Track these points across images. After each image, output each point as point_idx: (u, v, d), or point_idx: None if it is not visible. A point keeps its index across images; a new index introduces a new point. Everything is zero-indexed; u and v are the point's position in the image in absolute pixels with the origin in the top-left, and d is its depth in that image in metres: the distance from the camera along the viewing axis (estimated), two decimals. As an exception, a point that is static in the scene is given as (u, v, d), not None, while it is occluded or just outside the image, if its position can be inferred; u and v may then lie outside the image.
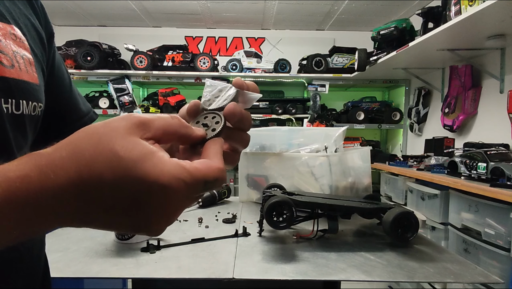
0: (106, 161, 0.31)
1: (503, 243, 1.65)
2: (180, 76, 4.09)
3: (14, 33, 0.48)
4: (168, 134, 0.35)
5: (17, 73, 0.46)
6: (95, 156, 0.31)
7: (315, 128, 3.60)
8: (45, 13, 0.60)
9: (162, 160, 0.32)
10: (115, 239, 1.08)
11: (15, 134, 0.47)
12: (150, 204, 0.32)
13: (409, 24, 3.06)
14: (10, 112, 0.46)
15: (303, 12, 4.03)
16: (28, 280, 0.54)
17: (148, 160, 0.31)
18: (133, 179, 0.31)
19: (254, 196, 1.68)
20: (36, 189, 0.30)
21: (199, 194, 0.35)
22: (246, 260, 0.93)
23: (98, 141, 0.32)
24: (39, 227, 0.32)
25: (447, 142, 2.77)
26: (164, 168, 0.32)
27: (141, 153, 0.31)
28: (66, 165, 0.31)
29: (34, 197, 0.30)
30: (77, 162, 0.31)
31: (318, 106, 4.10)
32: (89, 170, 0.31)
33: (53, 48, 0.62)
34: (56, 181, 0.30)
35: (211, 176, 0.34)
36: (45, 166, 0.31)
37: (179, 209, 0.35)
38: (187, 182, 0.32)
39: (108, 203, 0.32)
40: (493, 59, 2.57)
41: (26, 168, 0.30)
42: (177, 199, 0.33)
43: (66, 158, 0.31)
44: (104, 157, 0.31)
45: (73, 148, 0.32)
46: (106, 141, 0.32)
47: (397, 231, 1.03)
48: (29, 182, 0.30)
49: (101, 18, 4.34)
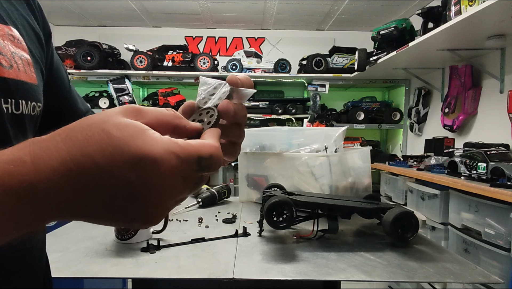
0: (98, 140, 0.30)
1: (503, 243, 1.65)
2: (180, 76, 4.09)
3: (12, 34, 0.48)
4: (161, 124, 0.35)
5: (15, 74, 0.47)
6: (88, 137, 0.31)
7: (315, 128, 3.60)
8: (42, 13, 0.60)
9: (153, 136, 0.32)
10: (115, 239, 1.08)
11: (15, 134, 0.47)
12: (143, 182, 0.31)
13: (409, 24, 3.06)
14: (10, 112, 0.46)
15: (303, 12, 4.03)
16: (30, 280, 0.54)
17: (139, 137, 0.31)
18: (124, 155, 0.30)
19: (254, 196, 1.68)
20: (29, 172, 0.29)
21: (195, 174, 0.34)
22: (246, 260, 0.93)
23: (91, 124, 0.32)
24: (34, 217, 0.31)
25: (447, 142, 2.78)
26: (155, 142, 0.31)
27: (132, 131, 0.31)
28: (59, 147, 0.31)
29: (27, 181, 0.29)
30: (70, 144, 0.31)
31: (318, 106, 4.10)
32: (81, 151, 0.30)
33: (51, 48, 0.62)
34: (50, 163, 0.30)
35: (205, 152, 0.33)
36: (39, 149, 0.31)
37: (175, 190, 0.33)
38: (179, 156, 0.32)
39: (101, 186, 0.31)
40: (493, 59, 2.57)
41: (20, 152, 0.30)
42: (171, 177, 0.32)
43: (60, 142, 0.31)
44: (96, 137, 0.31)
45: (67, 133, 0.32)
46: (99, 123, 0.31)
47: (397, 231, 1.03)
48: (23, 165, 0.30)
49: (101, 18, 4.34)
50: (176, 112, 0.38)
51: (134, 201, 0.32)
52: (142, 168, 0.31)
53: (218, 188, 1.68)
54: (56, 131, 0.32)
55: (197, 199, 1.58)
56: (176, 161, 0.32)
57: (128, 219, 0.33)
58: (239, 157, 1.67)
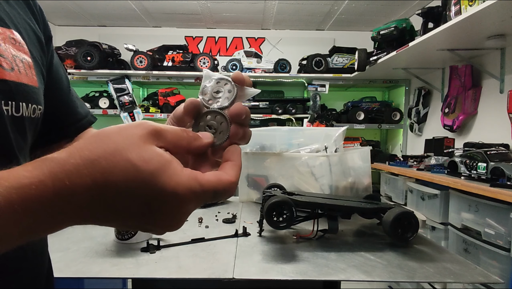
0: (124, 170, 0.32)
1: (503, 243, 1.65)
2: (180, 76, 4.09)
3: (13, 38, 0.49)
4: (178, 148, 0.37)
5: (16, 76, 0.47)
6: (112, 165, 0.32)
7: (315, 128, 3.60)
8: (43, 16, 0.61)
9: (177, 171, 0.34)
10: (115, 239, 1.08)
11: (15, 136, 0.48)
12: (161, 211, 0.34)
13: (409, 24, 3.06)
14: (11, 115, 0.46)
15: (303, 12, 4.03)
16: (33, 279, 0.54)
17: (165, 172, 0.33)
18: (150, 190, 0.32)
19: (254, 196, 1.68)
20: (50, 196, 0.30)
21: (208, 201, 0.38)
22: (246, 260, 0.93)
23: (115, 150, 0.32)
24: (51, 228, 0.33)
25: (447, 142, 2.77)
26: (180, 180, 0.34)
27: (158, 164, 0.33)
28: (82, 173, 0.31)
29: (48, 204, 0.30)
30: (93, 170, 0.31)
31: (318, 106, 4.10)
32: (105, 179, 0.31)
33: (51, 51, 0.62)
34: (72, 188, 0.31)
35: (221, 188, 0.36)
36: (59, 172, 0.31)
37: (186, 215, 0.37)
38: (197, 193, 0.35)
39: (121, 209, 0.33)
40: (493, 59, 2.57)
41: (40, 174, 0.30)
42: (187, 207, 0.35)
43: (82, 166, 0.31)
44: (121, 166, 0.32)
45: (88, 155, 0.32)
46: (123, 150, 0.32)
47: (397, 231, 1.03)
48: (44, 189, 0.30)
49: (101, 18, 4.34)
50: (190, 134, 0.38)
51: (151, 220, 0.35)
52: (166, 202, 0.33)
53: (218, 188, 1.68)
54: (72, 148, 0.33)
55: (197, 199, 1.58)
56: (195, 198, 0.35)
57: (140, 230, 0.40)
58: (239, 157, 1.66)
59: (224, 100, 0.43)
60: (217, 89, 0.44)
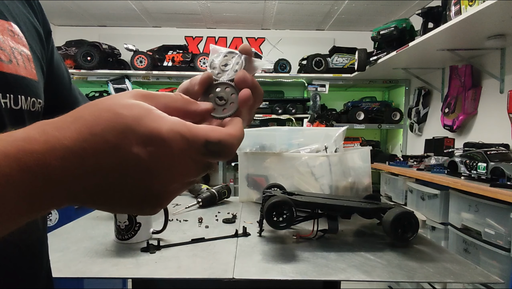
0: (107, 119, 0.31)
1: (503, 243, 1.65)
2: (180, 76, 4.09)
3: (12, 30, 0.48)
4: (172, 109, 0.35)
5: (15, 69, 0.46)
6: (95, 117, 0.31)
7: (315, 128, 3.60)
8: (42, 11, 0.60)
9: (162, 115, 0.32)
10: (115, 239, 1.08)
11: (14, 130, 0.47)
12: (154, 158, 0.32)
13: (409, 24, 3.06)
14: (9, 107, 0.46)
15: (303, 12, 4.03)
16: (32, 279, 0.54)
17: (148, 116, 0.31)
18: (134, 132, 0.31)
19: (254, 196, 1.67)
20: (43, 150, 0.30)
21: (203, 158, 0.34)
22: (246, 260, 0.93)
23: (99, 105, 0.32)
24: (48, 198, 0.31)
25: (447, 142, 2.78)
26: (164, 121, 0.32)
27: (140, 109, 0.32)
28: (70, 128, 0.31)
29: (41, 159, 0.29)
30: (79, 125, 0.31)
31: (318, 106, 4.10)
32: (90, 130, 0.31)
33: (51, 46, 0.62)
34: (62, 141, 0.30)
35: (214, 137, 0.33)
36: (51, 129, 0.31)
37: (184, 170, 0.34)
38: (186, 137, 0.32)
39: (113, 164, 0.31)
40: (493, 59, 2.57)
41: (32, 131, 0.31)
42: (180, 156, 0.32)
43: (70, 123, 0.31)
44: (105, 116, 0.31)
45: (75, 115, 0.32)
46: (106, 104, 0.32)
47: (397, 231, 1.03)
48: (36, 142, 0.30)
49: (101, 18, 4.34)
50: (185, 97, 0.37)
51: (146, 178, 0.32)
52: (152, 144, 0.31)
53: (218, 188, 1.68)
54: (66, 114, 0.33)
55: (197, 199, 1.58)
56: (182, 142, 0.32)
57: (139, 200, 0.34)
58: (239, 157, 1.66)
59: (232, 72, 0.43)
60: (225, 63, 0.44)
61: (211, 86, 0.43)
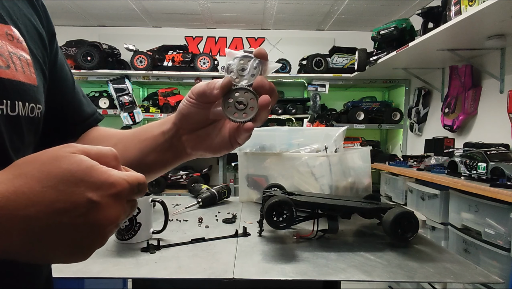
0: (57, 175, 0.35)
1: (503, 243, 1.65)
2: (180, 76, 4.09)
3: (11, 34, 0.48)
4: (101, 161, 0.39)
5: (12, 74, 0.46)
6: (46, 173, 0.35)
7: (315, 128, 3.60)
8: (46, 12, 0.59)
9: (106, 168, 0.38)
10: (115, 239, 1.08)
11: (10, 136, 0.47)
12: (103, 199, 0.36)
13: (409, 24, 3.06)
14: (5, 114, 0.45)
15: (303, 12, 4.03)
16: (32, 279, 0.53)
17: (97, 169, 0.37)
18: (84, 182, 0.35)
19: (254, 196, 1.68)
20: None
21: (135, 196, 0.40)
22: (246, 260, 0.93)
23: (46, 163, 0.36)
24: None
25: (447, 142, 2.78)
26: (111, 171, 0.38)
27: (89, 164, 0.36)
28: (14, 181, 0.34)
29: None
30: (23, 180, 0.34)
31: (318, 106, 4.09)
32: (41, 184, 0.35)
33: (55, 48, 0.61)
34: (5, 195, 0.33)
35: (141, 179, 0.40)
36: None
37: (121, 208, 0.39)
38: (127, 180, 0.38)
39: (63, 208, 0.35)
40: (493, 59, 2.57)
41: None
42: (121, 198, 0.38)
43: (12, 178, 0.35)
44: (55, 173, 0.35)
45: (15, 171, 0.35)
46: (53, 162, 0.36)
47: (397, 231, 1.03)
48: None
49: (101, 18, 4.34)
50: (113, 150, 0.41)
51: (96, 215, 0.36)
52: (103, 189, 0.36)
53: (218, 188, 1.68)
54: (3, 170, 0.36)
55: (197, 199, 1.58)
56: (125, 184, 0.38)
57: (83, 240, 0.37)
58: (239, 157, 1.66)
59: (250, 77, 0.45)
60: (241, 67, 0.46)
61: (230, 91, 0.45)
